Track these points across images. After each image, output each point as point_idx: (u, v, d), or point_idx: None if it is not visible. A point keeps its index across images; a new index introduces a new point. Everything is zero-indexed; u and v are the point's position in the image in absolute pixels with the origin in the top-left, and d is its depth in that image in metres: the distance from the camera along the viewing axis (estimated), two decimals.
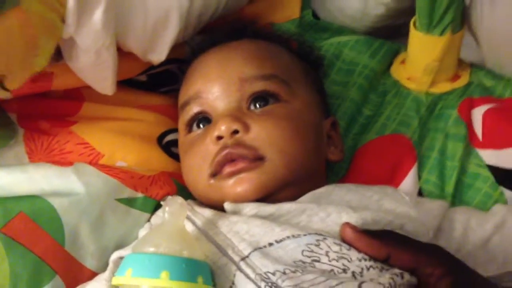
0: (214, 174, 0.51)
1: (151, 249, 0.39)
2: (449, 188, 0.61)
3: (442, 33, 0.65)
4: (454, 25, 0.64)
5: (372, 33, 0.76)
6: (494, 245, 0.53)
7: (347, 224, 0.45)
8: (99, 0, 0.48)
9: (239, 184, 0.50)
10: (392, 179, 0.61)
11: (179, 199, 0.43)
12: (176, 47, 0.60)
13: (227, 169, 0.50)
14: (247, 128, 0.51)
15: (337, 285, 0.41)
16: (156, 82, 0.64)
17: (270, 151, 0.50)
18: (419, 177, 0.62)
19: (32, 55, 0.34)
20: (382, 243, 0.44)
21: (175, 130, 0.60)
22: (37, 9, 0.30)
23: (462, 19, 0.66)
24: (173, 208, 0.42)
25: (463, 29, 0.66)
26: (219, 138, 0.51)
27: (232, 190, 0.50)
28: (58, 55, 0.56)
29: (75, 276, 0.48)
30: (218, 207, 0.50)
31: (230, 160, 0.50)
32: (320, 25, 0.76)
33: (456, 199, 0.61)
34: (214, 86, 0.54)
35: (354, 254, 0.44)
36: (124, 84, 0.61)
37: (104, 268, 0.48)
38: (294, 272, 0.42)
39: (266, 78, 0.54)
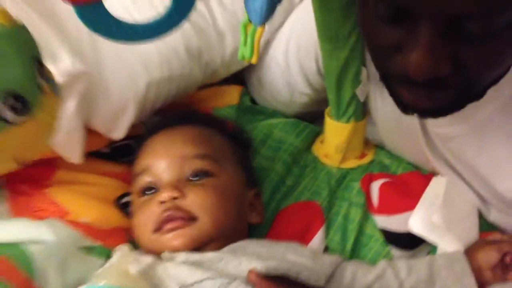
0: (156, 230, 0.65)
1: (103, 282, 0.53)
2: (349, 246, 0.76)
3: (347, 121, 0.81)
4: (356, 115, 0.81)
5: (300, 117, 0.92)
6: None
7: (252, 270, 0.60)
8: (73, 94, 0.64)
9: (175, 238, 0.64)
10: (304, 237, 0.76)
11: (126, 247, 0.57)
12: (134, 126, 0.76)
13: (168, 226, 0.65)
14: (184, 196, 0.66)
15: None
16: (117, 154, 0.78)
17: (201, 213, 0.65)
18: (326, 236, 0.77)
19: (39, 144, 0.48)
20: (276, 285, 0.58)
21: (130, 193, 0.74)
22: (45, 118, 0.45)
23: (364, 110, 0.84)
24: (121, 253, 0.56)
25: (365, 118, 0.84)
26: (163, 202, 0.66)
27: (170, 243, 0.64)
28: None
29: None
30: (158, 255, 0.65)
31: (170, 219, 0.65)
32: (256, 109, 0.93)
33: (355, 255, 0.76)
34: (161, 162, 0.69)
35: None
36: (91, 154, 0.76)
37: None
38: None
39: (201, 157, 0.69)
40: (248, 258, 0.62)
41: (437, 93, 0.56)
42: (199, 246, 0.64)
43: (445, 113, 0.61)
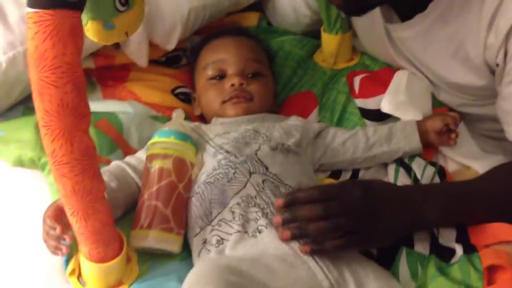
0: (224, 102, 0.98)
1: (166, 128, 0.86)
2: (335, 119, 1.06)
3: (336, 33, 1.10)
4: (342, 28, 1.09)
5: (306, 34, 1.22)
6: (348, 144, 0.96)
7: (277, 199, 0.78)
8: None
9: (236, 108, 0.97)
10: (303, 115, 1.06)
11: (180, 110, 0.90)
12: (180, 42, 1.08)
13: (234, 100, 0.97)
14: (247, 84, 0.99)
15: (246, 147, 0.87)
16: (170, 62, 1.12)
17: (256, 96, 0.98)
18: (319, 114, 1.08)
19: (137, 25, 0.70)
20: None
21: (181, 86, 1.07)
22: (138, 10, 0.68)
23: (349, 25, 1.12)
24: (178, 113, 0.89)
25: (350, 31, 1.12)
26: (233, 85, 0.98)
27: (231, 110, 0.97)
28: (117, 46, 1.05)
29: (126, 150, 0.93)
30: (208, 121, 0.98)
31: (236, 96, 0.97)
32: (272, 29, 1.23)
33: (339, 126, 1.06)
34: (233, 58, 1.00)
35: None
36: (153, 62, 1.09)
37: (140, 149, 0.95)
38: (228, 143, 0.88)
39: (257, 61, 1.02)
40: (263, 123, 0.94)
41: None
42: (246, 115, 0.97)
43: (354, 14, 0.93)
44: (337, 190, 0.78)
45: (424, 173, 0.93)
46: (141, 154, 0.91)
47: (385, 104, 1.02)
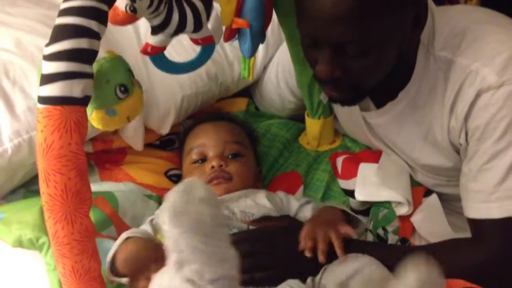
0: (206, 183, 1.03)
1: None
2: (319, 197, 1.13)
3: (319, 118, 1.19)
4: (325, 113, 1.18)
5: (292, 118, 1.30)
6: None
7: (247, 221, 0.95)
8: None
9: (217, 189, 1.01)
10: (289, 193, 1.12)
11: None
12: (174, 126, 1.16)
13: (214, 181, 1.03)
14: (226, 165, 1.05)
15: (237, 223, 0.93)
16: (164, 145, 1.19)
17: (235, 176, 1.04)
18: (304, 192, 1.14)
19: (137, 110, 0.79)
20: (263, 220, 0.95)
21: (174, 168, 1.14)
22: (136, 97, 0.77)
23: (331, 109, 1.21)
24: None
25: (332, 116, 1.20)
26: (213, 167, 1.04)
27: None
28: (115, 131, 1.12)
29: (119, 227, 0.97)
30: None
31: (216, 178, 1.03)
32: (259, 113, 1.32)
33: (325, 202, 1.12)
34: (212, 142, 1.07)
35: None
36: (147, 145, 1.16)
37: (133, 226, 0.99)
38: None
39: (236, 143, 1.08)
40: (247, 199, 1.01)
41: (338, 89, 0.92)
42: (227, 193, 1.03)
43: (349, 103, 0.97)
44: (263, 233, 0.91)
45: None
46: (145, 227, 0.96)
47: (358, 195, 1.10)
